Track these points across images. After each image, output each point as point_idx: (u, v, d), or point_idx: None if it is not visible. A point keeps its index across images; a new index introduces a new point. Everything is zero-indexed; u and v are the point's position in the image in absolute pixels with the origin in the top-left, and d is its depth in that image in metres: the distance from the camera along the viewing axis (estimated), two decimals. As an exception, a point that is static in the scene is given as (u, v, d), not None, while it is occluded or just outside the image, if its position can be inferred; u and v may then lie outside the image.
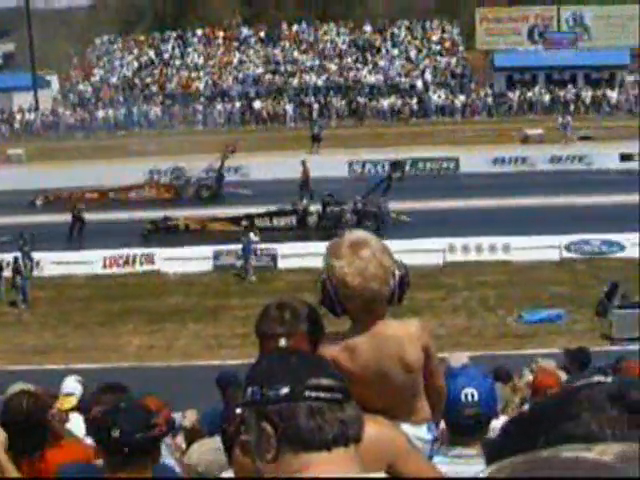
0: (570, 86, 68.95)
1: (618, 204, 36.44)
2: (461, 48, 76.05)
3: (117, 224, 36.92)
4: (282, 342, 3.95)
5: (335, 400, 2.18)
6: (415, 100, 66.86)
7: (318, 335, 3.98)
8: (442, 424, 4.56)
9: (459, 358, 10.18)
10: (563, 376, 10.74)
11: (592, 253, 31.11)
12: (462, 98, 67.19)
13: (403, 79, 70.67)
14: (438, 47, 75.45)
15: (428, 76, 70.91)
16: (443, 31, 77.59)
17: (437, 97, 67.49)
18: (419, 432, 4.08)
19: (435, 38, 76.55)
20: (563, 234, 31.85)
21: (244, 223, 34.40)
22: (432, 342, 4.19)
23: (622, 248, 31.08)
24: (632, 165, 46.03)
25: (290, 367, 2.23)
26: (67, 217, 36.17)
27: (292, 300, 4.17)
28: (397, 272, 3.95)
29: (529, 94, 67.49)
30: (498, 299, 27.62)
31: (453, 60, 73.57)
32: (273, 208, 36.25)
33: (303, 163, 41.78)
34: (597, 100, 67.41)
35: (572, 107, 65.06)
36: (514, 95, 67.36)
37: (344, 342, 3.96)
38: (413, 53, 74.56)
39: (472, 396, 4.19)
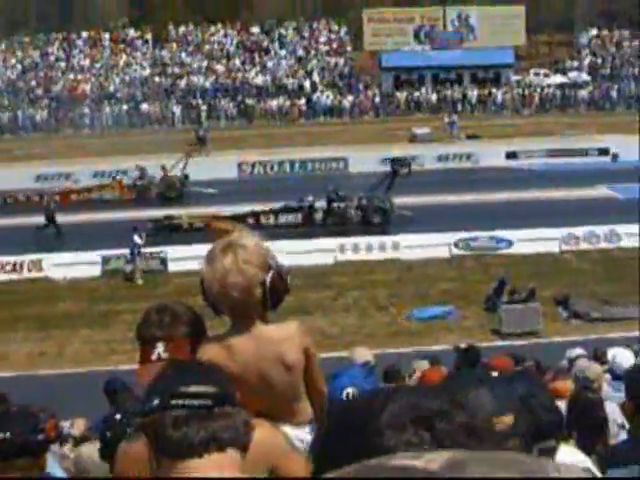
0: (456, 85, 69.95)
1: (505, 201, 37.09)
2: (349, 48, 76.49)
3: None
4: (160, 347, 3.91)
5: (204, 406, 2.13)
6: (303, 101, 67.02)
7: (199, 338, 3.96)
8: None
9: (362, 354, 10.19)
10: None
11: (480, 249, 31.54)
12: (350, 98, 67.58)
13: (291, 80, 70.75)
14: (326, 48, 75.74)
15: (316, 77, 71.13)
16: (330, 32, 77.88)
17: (325, 97, 67.73)
18: (301, 434, 4.07)
19: (323, 39, 76.82)
20: (452, 231, 32.23)
21: (250, 221, 34.04)
22: (313, 344, 4.18)
23: (510, 244, 31.58)
24: (517, 163, 46.94)
25: (165, 378, 2.19)
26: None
27: (173, 304, 4.15)
28: (267, 279, 3.93)
29: (416, 94, 68.25)
30: (389, 297, 27.79)
31: (341, 60, 73.94)
32: (278, 205, 35.93)
33: (163, 168, 41.73)
34: (483, 99, 68.49)
35: (459, 106, 65.97)
36: (401, 95, 68.03)
37: (223, 343, 3.94)
38: (301, 54, 74.70)
39: (352, 395, 4.19)
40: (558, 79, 73.66)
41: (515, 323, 24.22)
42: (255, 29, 77.35)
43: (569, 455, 4.77)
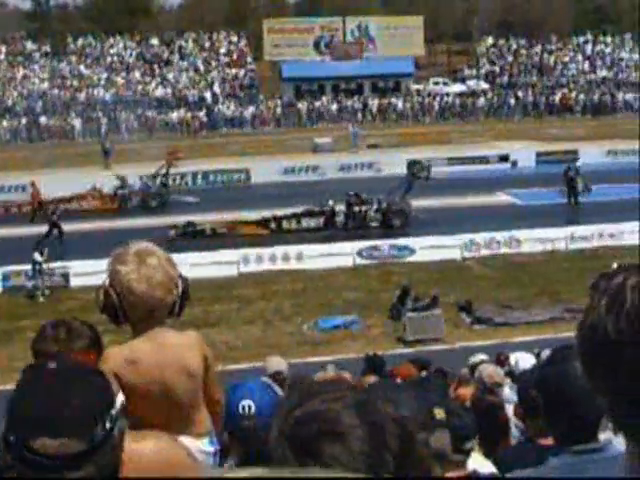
0: (357, 95, 70.39)
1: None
2: (249, 59, 76.46)
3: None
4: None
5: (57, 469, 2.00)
6: (204, 112, 66.75)
7: (96, 352, 3.95)
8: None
9: (278, 363, 10.14)
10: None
11: (383, 258, 31.70)
12: (251, 109, 67.52)
13: (192, 91, 70.43)
14: (226, 59, 75.61)
15: (217, 88, 70.95)
16: (231, 43, 77.78)
17: (226, 109, 67.56)
18: (200, 444, 4.04)
19: (223, 50, 76.68)
20: (355, 240, 32.38)
21: (272, 226, 35.18)
22: (210, 352, 4.19)
23: (412, 252, 31.80)
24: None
25: (22, 415, 2.05)
26: None
27: (69, 319, 4.15)
28: (180, 284, 3.97)
29: (317, 104, 68.46)
30: (293, 308, 27.75)
31: (241, 72, 73.86)
32: (299, 209, 36.16)
33: (32, 184, 40.98)
34: (383, 108, 68.99)
35: (359, 116, 66.37)
36: (302, 105, 68.18)
37: (125, 354, 3.92)
38: (201, 65, 74.45)
39: (249, 408, 4.15)
40: (457, 88, 74.68)
41: (419, 330, 24.38)
42: (155, 41, 76.89)
43: (471, 459, 4.79)
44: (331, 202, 36.20)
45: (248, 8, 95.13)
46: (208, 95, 69.70)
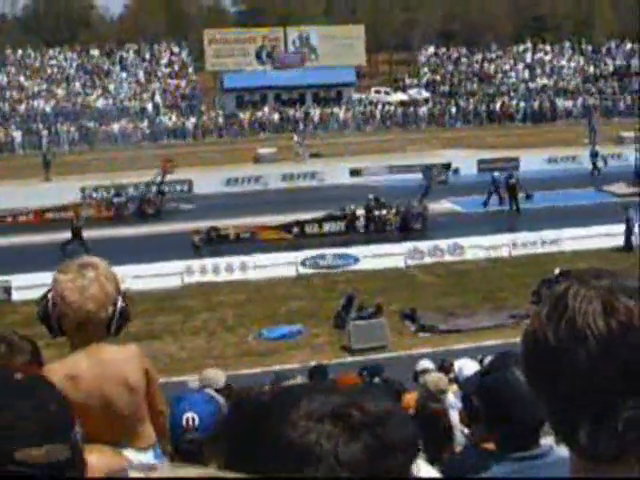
0: (299, 105, 70.47)
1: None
2: (190, 70, 76.28)
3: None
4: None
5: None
6: (146, 123, 66.43)
7: (37, 367, 3.91)
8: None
9: (217, 376, 10.10)
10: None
11: (327, 267, 31.72)
12: (193, 120, 67.33)
13: (133, 102, 70.08)
14: (167, 70, 75.35)
15: (158, 99, 70.66)
16: (172, 53, 77.55)
17: (168, 119, 67.30)
18: (145, 458, 4.01)
19: (164, 61, 76.43)
20: (299, 250, 32.38)
21: (295, 230, 36.03)
22: (152, 366, 4.16)
23: (356, 260, 31.86)
24: (361, 179, 47.48)
25: None
26: None
27: (9, 333, 4.11)
28: (120, 303, 3.94)
29: (259, 114, 68.44)
30: (238, 318, 27.64)
31: (183, 82, 73.65)
32: (321, 214, 36.90)
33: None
34: (325, 118, 69.14)
35: (301, 125, 66.44)
36: (244, 115, 68.13)
37: (65, 369, 3.89)
38: (142, 76, 74.12)
39: (193, 421, 4.13)
40: (398, 97, 75.04)
41: (364, 339, 24.39)
42: (95, 52, 76.42)
43: (413, 465, 4.78)
44: (352, 206, 36.99)
45: (189, 18, 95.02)
46: (149, 106, 69.41)
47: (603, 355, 1.64)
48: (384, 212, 36.93)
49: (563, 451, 1.85)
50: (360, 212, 36.81)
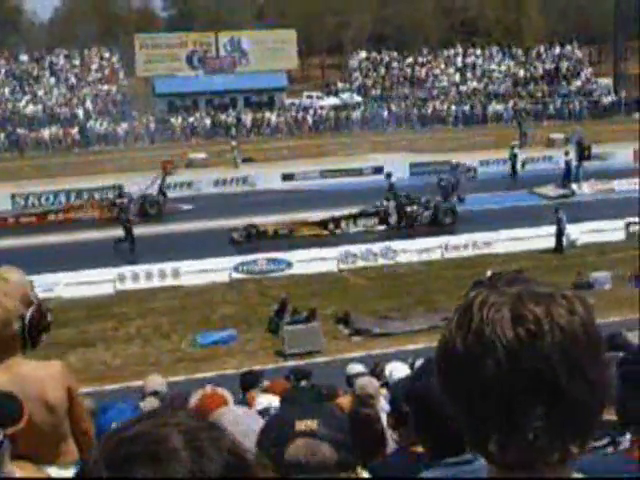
0: (231, 110, 70.29)
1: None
2: (121, 75, 75.70)
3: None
4: None
5: None
6: (77, 129, 65.80)
7: None
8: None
9: (155, 382, 10.04)
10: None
11: (260, 272, 31.67)
12: (124, 125, 66.80)
13: (63, 109, 69.38)
14: (98, 75, 74.71)
15: (89, 105, 70.04)
16: (102, 59, 76.90)
17: (99, 125, 66.73)
18: (66, 474, 3.93)
19: (94, 66, 75.75)
20: (230, 255, 32.30)
21: (331, 227, 37.09)
22: (75, 383, 4.07)
23: (289, 265, 31.85)
24: (294, 184, 47.51)
25: None
26: None
27: None
28: (28, 314, 3.83)
29: (191, 119, 68.14)
30: (172, 324, 27.52)
31: (113, 88, 73.07)
32: (355, 210, 38.13)
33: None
34: (257, 122, 69.06)
35: (234, 130, 66.22)
36: (176, 121, 67.78)
37: None
38: (73, 82, 73.42)
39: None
40: (331, 101, 75.15)
41: (297, 343, 24.40)
42: (24, 57, 75.50)
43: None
44: (385, 202, 38.18)
45: (119, 23, 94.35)
46: (80, 112, 68.74)
47: (512, 364, 1.63)
48: (415, 208, 38.23)
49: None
50: (393, 208, 38.09)
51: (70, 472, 3.94)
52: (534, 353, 1.63)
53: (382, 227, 37.77)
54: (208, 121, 68.25)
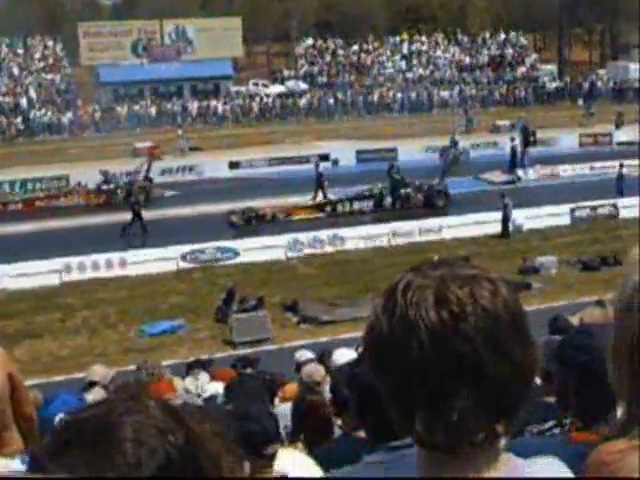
0: (176, 98, 69.95)
1: (226, 211, 37.36)
2: (65, 64, 75.03)
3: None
4: None
5: None
6: (20, 119, 65.16)
7: None
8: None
9: (97, 372, 10.03)
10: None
11: (208, 261, 31.58)
12: (69, 115, 66.26)
13: (7, 98, 68.64)
14: (42, 64, 74.00)
15: (33, 94, 69.35)
16: (46, 47, 76.18)
17: (43, 115, 66.12)
18: (12, 464, 3.91)
19: (38, 55, 75.03)
20: (178, 244, 32.13)
21: (327, 209, 38.25)
22: (16, 371, 4.04)
23: (236, 254, 31.78)
24: (240, 172, 47.44)
25: None
26: None
27: None
28: None
29: (136, 108, 67.71)
30: (119, 315, 27.33)
31: (57, 77, 72.42)
32: (351, 193, 39.14)
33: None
34: (203, 111, 68.82)
35: (179, 119, 65.92)
36: (121, 109, 67.32)
37: None
38: (16, 71, 72.65)
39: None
40: (277, 89, 75.08)
41: (246, 332, 24.37)
42: (-38, 47, 74.65)
43: (290, 458, 4.80)
44: (380, 185, 39.02)
45: (63, 12, 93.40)
46: (24, 101, 68.07)
47: (435, 346, 1.66)
48: (409, 190, 38.90)
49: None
50: (386, 191, 38.91)
51: (16, 462, 3.92)
52: (457, 335, 1.65)
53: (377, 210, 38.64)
54: (154, 110, 67.90)
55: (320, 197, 39.64)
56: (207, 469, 1.44)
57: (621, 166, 40.25)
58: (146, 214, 36.79)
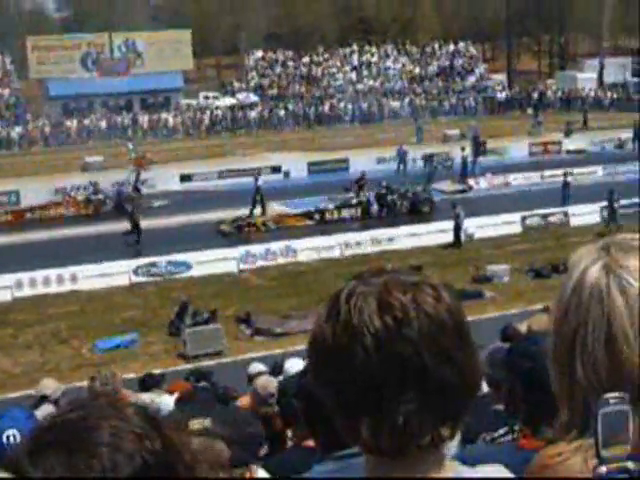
0: (126, 112, 69.61)
1: (181, 224, 37.28)
2: (14, 78, 74.46)
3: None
4: None
5: None
6: (-31, 134, 64.61)
7: None
8: None
9: (48, 385, 10.00)
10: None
11: (160, 275, 31.45)
12: (18, 129, 65.72)
13: (-46, 113, 68.09)
14: (-10, 78, 73.45)
15: (-19, 109, 68.83)
16: (-6, 62, 75.63)
17: (-8, 130, 65.60)
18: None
19: (-14, 69, 74.49)
20: (131, 258, 32.00)
21: (316, 217, 38.63)
22: None
23: (189, 267, 31.68)
24: (192, 185, 47.29)
25: None
26: None
27: None
28: None
29: (86, 122, 67.28)
30: (71, 330, 27.13)
31: (6, 91, 71.85)
32: (339, 202, 39.69)
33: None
34: (154, 124, 68.54)
35: (130, 132, 65.60)
36: (71, 123, 66.86)
37: None
38: (-36, 86, 72.09)
39: (14, 437, 4.03)
40: (227, 101, 74.99)
41: (199, 345, 24.31)
42: None
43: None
44: (367, 193, 39.78)
45: (11, 25, 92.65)
46: (-28, 116, 67.55)
47: (380, 351, 1.68)
48: (395, 197, 39.64)
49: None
50: (373, 199, 39.70)
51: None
52: (401, 340, 1.68)
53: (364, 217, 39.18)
54: (104, 123, 67.50)
55: (258, 211, 39.49)
56: (183, 476, 1.46)
57: (565, 175, 40.71)
58: (122, 225, 37.05)
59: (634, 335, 1.77)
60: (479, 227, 35.32)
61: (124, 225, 36.72)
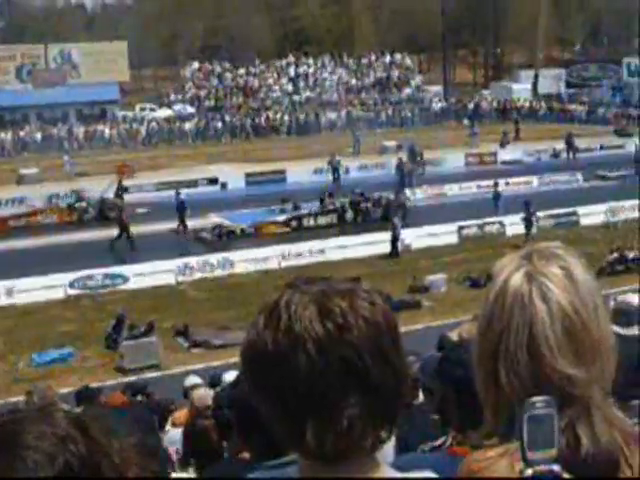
0: (62, 123, 69.04)
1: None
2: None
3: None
4: None
5: None
6: None
7: None
8: None
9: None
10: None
11: (97, 288, 31.20)
12: (-48, 143, 64.96)
13: None
14: None
15: None
16: None
17: None
18: None
19: None
20: (67, 272, 31.68)
21: (294, 224, 39.35)
22: None
23: (126, 280, 31.49)
24: (129, 197, 46.94)
25: None
26: None
27: None
28: None
29: (21, 133, 66.62)
30: (6, 345, 26.77)
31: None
32: (315, 209, 40.50)
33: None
34: (90, 136, 68.04)
35: (65, 144, 65.03)
36: (6, 135, 66.16)
37: None
38: None
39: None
40: (164, 112, 74.77)
41: (136, 358, 24.15)
42: None
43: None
44: (342, 200, 40.93)
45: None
46: None
47: (322, 356, 1.71)
48: (368, 204, 40.58)
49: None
50: (348, 206, 40.66)
51: None
52: (343, 345, 1.72)
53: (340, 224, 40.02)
54: (39, 135, 66.87)
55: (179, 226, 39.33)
56: (109, 477, 1.48)
57: (496, 185, 41.25)
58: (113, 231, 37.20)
59: (555, 340, 1.81)
60: (416, 237, 35.53)
61: (107, 233, 37.18)
